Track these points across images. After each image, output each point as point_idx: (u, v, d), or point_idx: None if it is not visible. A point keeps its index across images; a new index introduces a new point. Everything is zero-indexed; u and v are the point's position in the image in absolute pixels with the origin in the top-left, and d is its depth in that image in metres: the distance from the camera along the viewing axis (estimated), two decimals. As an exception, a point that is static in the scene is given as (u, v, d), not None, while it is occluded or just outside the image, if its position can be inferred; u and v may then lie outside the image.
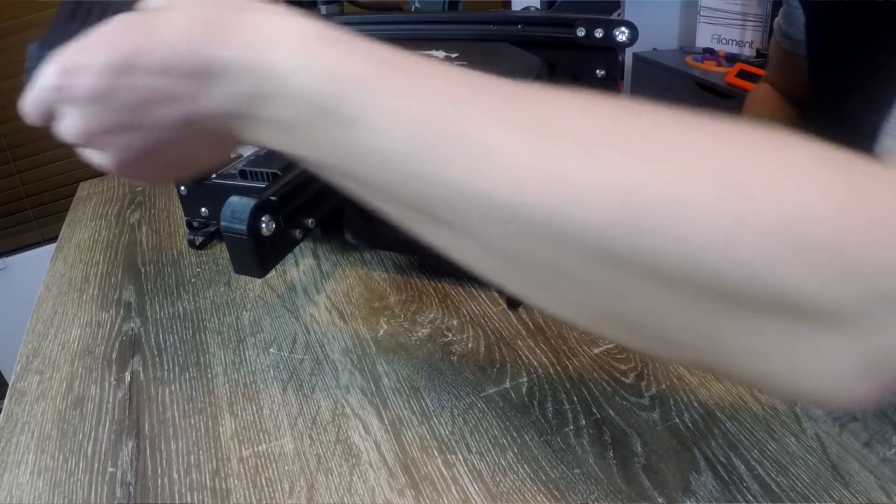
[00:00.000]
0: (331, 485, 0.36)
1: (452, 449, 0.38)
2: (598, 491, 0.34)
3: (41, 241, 1.63)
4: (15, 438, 0.42)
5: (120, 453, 0.40)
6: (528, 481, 0.35)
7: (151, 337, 0.50)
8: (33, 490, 0.38)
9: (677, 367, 0.42)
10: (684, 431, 0.37)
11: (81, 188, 0.77)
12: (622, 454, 0.36)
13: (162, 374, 0.46)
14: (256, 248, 0.43)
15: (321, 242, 0.59)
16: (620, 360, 0.43)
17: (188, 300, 0.53)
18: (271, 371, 0.45)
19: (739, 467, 0.35)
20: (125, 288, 0.56)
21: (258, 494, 0.36)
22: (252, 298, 0.53)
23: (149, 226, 0.66)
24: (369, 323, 0.48)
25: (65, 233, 0.67)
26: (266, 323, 0.50)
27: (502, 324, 0.47)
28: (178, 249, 0.61)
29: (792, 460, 0.35)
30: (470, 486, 0.35)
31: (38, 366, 0.48)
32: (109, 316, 0.53)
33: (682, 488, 0.34)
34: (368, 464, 0.37)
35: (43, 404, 0.44)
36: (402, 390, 0.42)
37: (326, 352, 0.46)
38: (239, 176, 0.53)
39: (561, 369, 0.42)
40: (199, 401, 0.43)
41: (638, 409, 0.39)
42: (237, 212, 0.42)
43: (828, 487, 0.33)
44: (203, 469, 0.38)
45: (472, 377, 0.42)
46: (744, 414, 0.38)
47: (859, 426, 0.37)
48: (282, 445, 0.39)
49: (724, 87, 1.64)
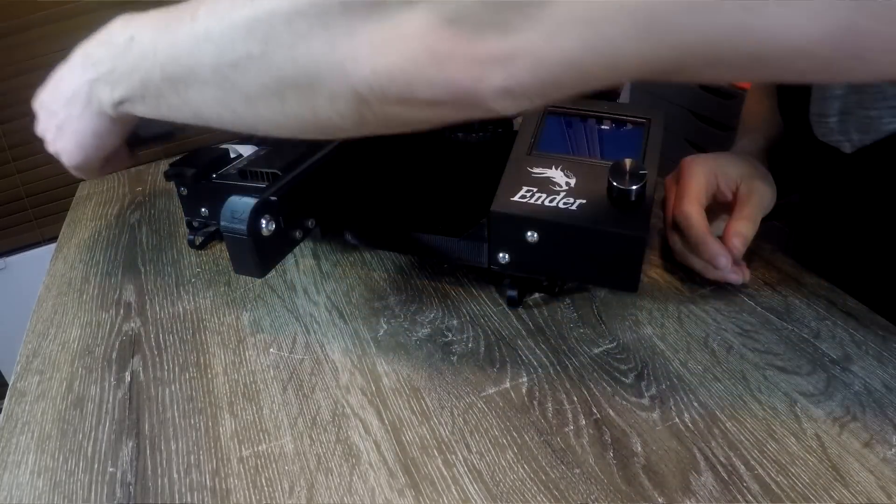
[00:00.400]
0: (331, 485, 0.36)
1: (452, 449, 0.38)
2: (598, 491, 0.34)
3: (41, 241, 1.63)
4: (15, 438, 0.42)
5: (120, 453, 0.40)
6: (528, 481, 0.35)
7: (151, 337, 0.50)
8: (33, 490, 0.38)
9: (677, 367, 0.42)
10: (684, 431, 0.37)
11: (81, 188, 0.77)
12: (622, 454, 0.36)
13: (162, 374, 0.46)
14: (256, 248, 0.43)
15: (321, 242, 0.59)
16: (620, 360, 0.43)
17: (188, 300, 0.53)
18: (271, 371, 0.45)
19: (739, 467, 0.35)
20: (125, 288, 0.56)
21: (258, 494, 0.36)
22: (252, 298, 0.53)
23: (149, 226, 0.66)
24: (369, 323, 0.48)
25: (65, 233, 0.67)
26: (266, 323, 0.50)
27: (502, 324, 0.47)
28: (178, 249, 0.61)
29: (792, 460, 0.35)
30: (470, 486, 0.35)
31: (38, 366, 0.48)
32: (109, 316, 0.53)
33: (682, 488, 0.34)
34: (368, 464, 0.37)
35: (43, 404, 0.44)
36: (402, 390, 0.42)
37: (326, 352, 0.46)
38: (239, 176, 0.53)
39: (561, 369, 0.42)
40: (199, 401, 0.43)
41: (638, 409, 0.39)
42: (237, 212, 0.42)
43: (828, 487, 0.33)
44: (203, 469, 0.38)
45: (472, 377, 0.42)
46: (744, 414, 0.38)
47: (859, 426, 0.37)
48: (282, 445, 0.39)
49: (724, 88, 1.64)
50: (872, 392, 0.39)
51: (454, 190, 0.54)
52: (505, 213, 0.44)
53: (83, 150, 0.46)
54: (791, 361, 0.41)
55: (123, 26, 0.40)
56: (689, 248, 0.48)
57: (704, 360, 0.42)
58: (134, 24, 0.39)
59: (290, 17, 0.30)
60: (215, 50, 0.33)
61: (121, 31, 0.40)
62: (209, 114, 0.37)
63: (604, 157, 0.47)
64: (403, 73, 0.28)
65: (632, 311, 0.47)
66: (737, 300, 0.47)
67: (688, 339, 0.44)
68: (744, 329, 0.44)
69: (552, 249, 0.44)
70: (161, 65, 0.37)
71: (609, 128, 0.50)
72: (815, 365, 0.41)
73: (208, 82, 0.35)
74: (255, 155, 0.56)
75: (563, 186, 0.44)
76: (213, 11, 0.34)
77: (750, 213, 0.47)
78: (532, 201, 0.43)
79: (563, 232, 0.43)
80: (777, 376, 0.40)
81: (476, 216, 0.46)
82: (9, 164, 1.53)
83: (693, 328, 0.45)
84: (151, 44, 0.37)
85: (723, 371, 0.41)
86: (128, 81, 0.40)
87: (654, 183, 0.44)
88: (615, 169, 0.43)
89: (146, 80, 0.38)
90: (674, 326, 0.45)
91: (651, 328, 0.45)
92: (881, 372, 0.40)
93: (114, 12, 0.41)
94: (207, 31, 0.34)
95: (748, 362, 0.42)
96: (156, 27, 0.38)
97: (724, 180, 0.50)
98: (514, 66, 0.26)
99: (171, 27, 0.36)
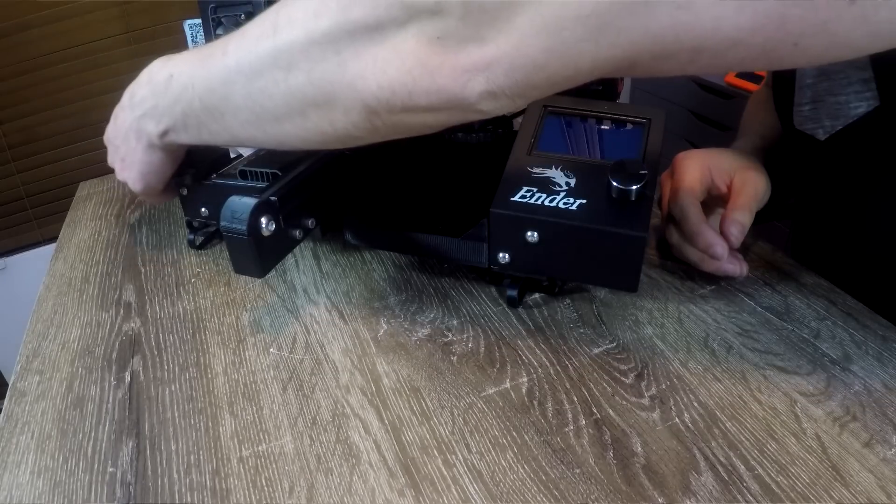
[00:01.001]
0: (331, 485, 0.36)
1: (452, 449, 0.38)
2: (598, 491, 0.34)
3: (41, 241, 1.63)
4: (15, 438, 0.42)
5: (120, 453, 0.40)
6: (528, 481, 0.35)
7: (151, 337, 0.50)
8: (33, 490, 0.38)
9: (677, 367, 0.42)
10: (684, 431, 0.37)
11: (81, 188, 0.77)
12: (622, 454, 0.36)
13: (162, 374, 0.46)
14: (256, 248, 0.43)
15: (321, 242, 0.59)
16: (620, 360, 0.43)
17: (188, 300, 0.53)
18: (271, 371, 0.45)
19: (739, 467, 0.35)
20: (125, 288, 0.56)
21: (258, 494, 0.36)
22: (252, 298, 0.53)
23: (149, 226, 0.66)
24: (369, 323, 0.48)
25: (65, 233, 0.67)
26: (266, 323, 0.50)
27: (502, 324, 0.47)
28: (178, 249, 0.61)
29: (792, 460, 0.35)
30: (470, 486, 0.35)
31: (38, 366, 0.48)
32: (109, 316, 0.53)
33: (682, 488, 0.34)
34: (368, 464, 0.37)
35: (43, 404, 0.44)
36: (402, 390, 0.42)
37: (326, 352, 0.46)
38: (239, 176, 0.53)
39: (561, 369, 0.42)
40: (199, 401, 0.43)
41: (638, 409, 0.39)
42: (237, 212, 0.42)
43: (828, 487, 0.33)
44: (203, 469, 0.38)
45: (472, 377, 0.42)
46: (744, 414, 0.38)
47: (859, 426, 0.37)
48: (282, 445, 0.39)
49: (724, 87, 1.64)
50: (872, 392, 0.39)
51: (454, 190, 0.54)
52: (505, 213, 0.44)
53: (143, 178, 0.52)
54: (791, 361, 0.41)
55: (162, 66, 0.45)
56: (685, 240, 0.49)
57: (704, 360, 0.42)
58: (171, 64, 0.45)
59: (307, 47, 0.35)
60: (246, 79, 0.38)
61: (160, 70, 0.45)
62: (244, 135, 0.42)
63: (604, 157, 0.47)
64: (403, 86, 0.33)
65: (632, 311, 0.47)
66: (737, 300, 0.47)
67: (688, 339, 0.44)
68: (744, 329, 0.44)
69: (552, 249, 0.44)
70: (199, 96, 0.42)
71: (609, 128, 0.50)
72: (815, 365, 0.41)
73: (242, 107, 0.40)
74: (255, 155, 0.56)
75: (563, 186, 0.44)
76: (241, 46, 0.39)
77: (745, 203, 0.48)
78: (532, 201, 0.43)
79: (563, 232, 0.43)
80: (777, 376, 0.40)
81: (476, 216, 0.46)
82: (9, 164, 1.53)
83: (693, 328, 0.45)
84: (189, 79, 0.42)
85: (723, 371, 0.41)
86: (170, 114, 0.45)
87: (655, 183, 0.44)
88: (615, 169, 0.43)
89: (187, 110, 0.43)
90: (674, 326, 0.45)
91: (651, 328, 0.45)
92: (881, 372, 0.40)
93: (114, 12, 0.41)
94: (238, 64, 0.39)
95: (748, 362, 0.42)
96: (192, 64, 0.43)
97: (718, 173, 0.50)
98: (491, 72, 0.31)
99: (206, 63, 0.41)
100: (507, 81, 0.31)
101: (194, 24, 0.54)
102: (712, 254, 0.46)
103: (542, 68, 0.30)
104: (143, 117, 0.47)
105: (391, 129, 0.37)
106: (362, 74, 0.34)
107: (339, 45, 0.34)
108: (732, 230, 0.46)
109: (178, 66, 0.44)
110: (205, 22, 0.48)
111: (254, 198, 0.43)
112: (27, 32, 1.40)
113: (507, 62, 0.30)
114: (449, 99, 0.33)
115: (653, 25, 0.27)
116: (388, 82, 0.33)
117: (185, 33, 0.64)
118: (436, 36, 0.31)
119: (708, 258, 0.47)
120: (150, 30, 1.50)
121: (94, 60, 1.49)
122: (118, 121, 0.51)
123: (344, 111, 0.36)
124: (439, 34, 0.31)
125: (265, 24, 0.37)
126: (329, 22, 0.34)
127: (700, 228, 0.47)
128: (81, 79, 1.50)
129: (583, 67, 0.30)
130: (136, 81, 0.48)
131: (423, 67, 0.32)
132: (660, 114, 0.51)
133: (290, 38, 0.35)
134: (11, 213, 1.59)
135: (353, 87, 0.35)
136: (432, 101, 0.33)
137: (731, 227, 0.46)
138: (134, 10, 1.46)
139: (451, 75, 0.32)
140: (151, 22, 1.49)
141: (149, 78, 0.47)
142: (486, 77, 0.31)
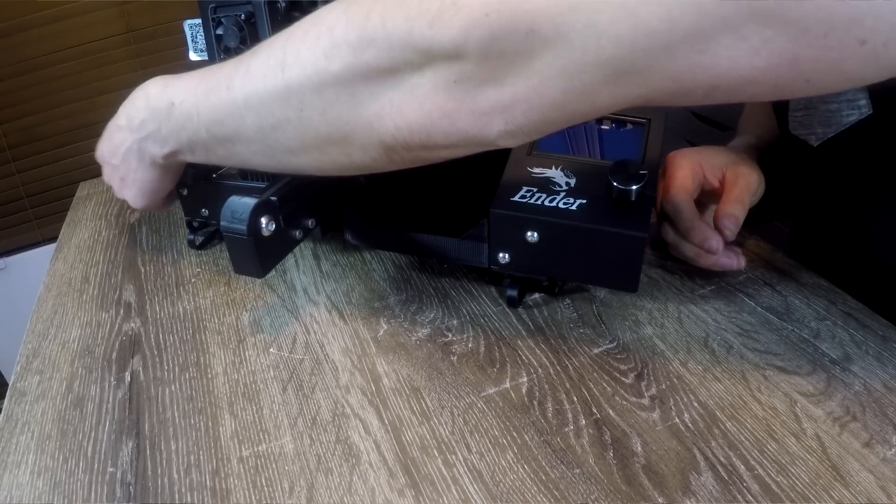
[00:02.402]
0: (331, 485, 0.36)
1: (452, 449, 0.38)
2: (598, 491, 0.34)
3: (41, 241, 1.63)
4: (15, 438, 0.42)
5: (120, 453, 0.40)
6: (528, 481, 0.35)
7: (151, 337, 0.50)
8: (33, 490, 0.38)
9: (677, 367, 0.42)
10: (684, 431, 0.37)
11: (81, 188, 0.77)
12: (622, 454, 0.36)
13: (162, 374, 0.46)
14: (256, 248, 0.43)
15: (321, 242, 0.59)
16: (620, 360, 0.43)
17: (188, 300, 0.53)
18: (271, 371, 0.45)
19: (739, 467, 0.35)
20: (125, 288, 0.56)
21: (258, 494, 0.36)
22: (252, 298, 0.53)
23: (149, 226, 0.66)
24: (369, 323, 0.48)
25: (65, 233, 0.67)
26: (266, 323, 0.50)
27: (502, 324, 0.47)
28: (178, 249, 0.61)
29: (792, 460, 0.35)
30: (470, 486, 0.35)
31: (38, 366, 0.48)
32: (109, 316, 0.53)
33: (682, 488, 0.34)
34: (368, 464, 0.37)
35: (43, 404, 0.44)
36: (402, 390, 0.42)
37: (326, 352, 0.46)
38: (239, 176, 0.53)
39: (561, 369, 0.42)
40: (199, 401, 0.43)
41: (638, 409, 0.39)
42: (237, 212, 0.42)
43: (828, 487, 0.33)
44: (203, 469, 0.38)
45: (472, 377, 0.42)
46: (744, 414, 0.38)
47: (859, 426, 0.37)
48: (282, 445, 0.39)
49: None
50: (872, 392, 0.39)
51: (454, 190, 0.54)
52: (505, 214, 0.44)
53: (145, 196, 0.52)
54: (791, 361, 0.41)
55: (160, 91, 0.44)
56: (680, 237, 0.49)
57: (704, 360, 0.42)
58: (171, 91, 0.43)
59: (319, 88, 0.34)
60: (256, 116, 0.38)
61: (158, 96, 0.44)
62: (256, 162, 0.42)
63: (604, 157, 0.47)
64: (421, 127, 0.33)
65: (632, 311, 0.47)
66: (737, 300, 0.47)
67: (688, 339, 0.44)
68: (744, 329, 0.44)
69: (552, 249, 0.44)
70: (206, 126, 0.41)
71: (609, 128, 0.50)
72: (815, 365, 0.41)
73: (253, 140, 0.40)
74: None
75: (563, 186, 0.44)
76: (248, 81, 0.38)
77: (738, 196, 0.48)
78: (532, 201, 0.43)
79: (563, 232, 0.43)
80: (777, 376, 0.40)
81: (476, 216, 0.46)
82: (9, 164, 1.53)
83: (693, 328, 0.45)
84: (193, 108, 0.41)
85: (723, 371, 0.41)
86: (175, 139, 0.44)
87: (655, 183, 0.44)
88: (615, 169, 0.43)
89: (193, 138, 0.43)
90: (674, 326, 0.45)
91: (651, 328, 0.45)
92: (881, 372, 0.40)
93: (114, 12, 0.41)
94: (246, 99, 0.38)
95: (748, 362, 0.42)
96: (194, 93, 0.41)
97: (710, 169, 0.50)
98: (510, 113, 0.31)
99: (210, 95, 0.40)
100: (525, 122, 0.31)
101: (194, 24, 0.53)
102: (707, 248, 0.46)
103: (560, 108, 0.30)
104: (145, 140, 0.46)
105: (409, 161, 0.37)
106: (379, 115, 0.34)
107: (354, 87, 0.34)
108: (726, 223, 0.46)
109: (178, 93, 0.43)
110: (205, 22, 0.48)
111: (254, 198, 0.43)
112: (27, 32, 1.40)
113: (525, 104, 0.30)
114: (467, 138, 0.33)
115: (671, 68, 0.27)
116: (405, 123, 0.33)
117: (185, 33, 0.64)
118: (453, 80, 0.31)
119: (704, 253, 0.47)
120: (150, 30, 1.50)
121: (93, 60, 1.48)
122: (114, 140, 0.49)
123: (361, 148, 0.36)
124: (456, 78, 0.31)
125: (270, 60, 0.36)
126: (341, 65, 0.33)
127: (694, 224, 0.47)
128: (81, 79, 1.50)
129: (601, 105, 0.30)
130: (132, 103, 0.46)
131: (441, 111, 0.32)
132: (660, 114, 0.51)
133: (301, 78, 0.35)
134: (11, 213, 1.58)
135: (370, 127, 0.35)
136: (451, 140, 0.34)
137: (725, 220, 0.46)
138: (134, 10, 1.46)
139: (469, 118, 0.32)
140: (151, 22, 1.49)
141: (146, 103, 0.45)
142: (504, 119, 0.31)
